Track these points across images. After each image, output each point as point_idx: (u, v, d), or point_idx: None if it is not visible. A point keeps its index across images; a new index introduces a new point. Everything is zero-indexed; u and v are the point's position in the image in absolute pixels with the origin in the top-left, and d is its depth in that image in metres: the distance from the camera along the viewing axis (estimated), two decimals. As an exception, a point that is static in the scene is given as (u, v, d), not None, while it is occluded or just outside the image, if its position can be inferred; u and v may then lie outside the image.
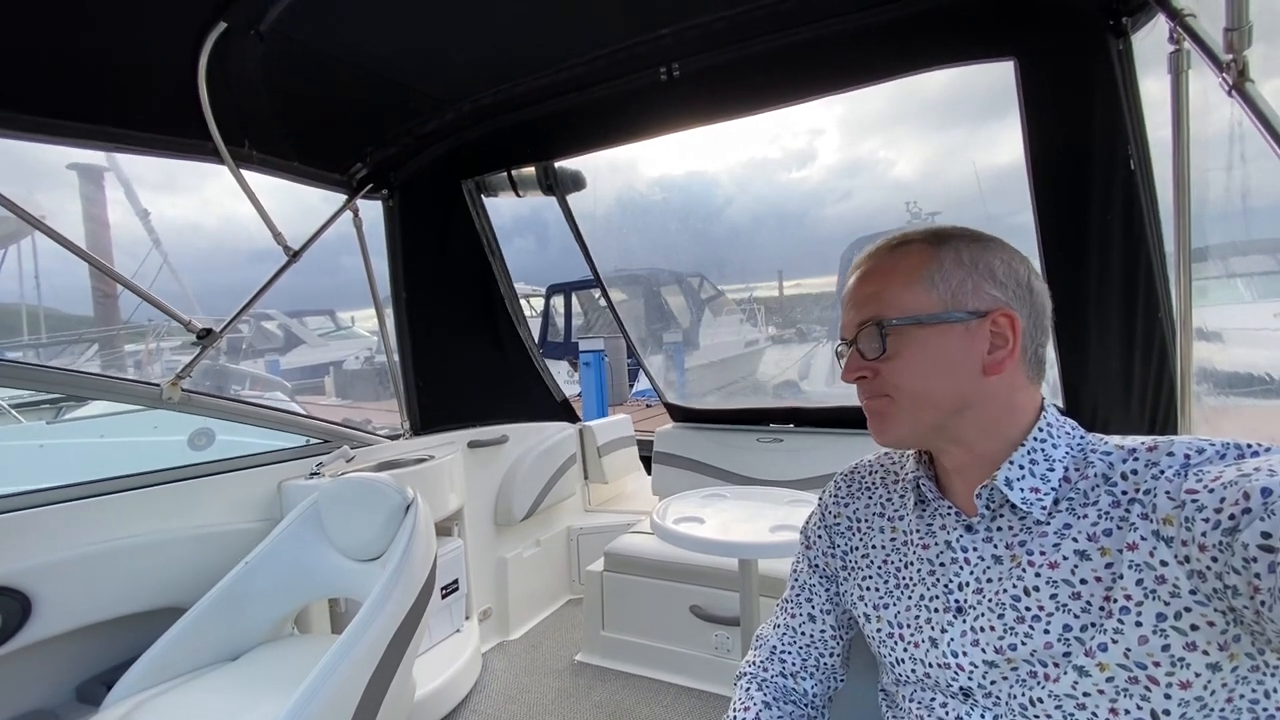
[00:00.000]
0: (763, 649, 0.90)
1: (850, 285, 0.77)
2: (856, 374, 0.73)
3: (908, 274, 0.70)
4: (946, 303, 0.68)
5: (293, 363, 11.80)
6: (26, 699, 1.68)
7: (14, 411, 4.97)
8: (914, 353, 0.69)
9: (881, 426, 0.73)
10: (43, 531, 1.65)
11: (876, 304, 0.71)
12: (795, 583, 0.90)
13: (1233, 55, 0.97)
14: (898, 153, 43.15)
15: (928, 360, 0.68)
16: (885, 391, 0.71)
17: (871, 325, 0.71)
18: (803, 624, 0.87)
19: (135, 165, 12.17)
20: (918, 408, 0.70)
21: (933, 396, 0.69)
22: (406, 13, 1.63)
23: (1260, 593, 0.48)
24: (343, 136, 2.28)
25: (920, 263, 0.70)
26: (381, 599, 1.56)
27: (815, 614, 0.86)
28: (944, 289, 0.69)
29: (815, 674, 0.87)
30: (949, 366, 0.68)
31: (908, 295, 0.70)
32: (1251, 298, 2.82)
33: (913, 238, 0.74)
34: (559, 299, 12.90)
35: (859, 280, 0.75)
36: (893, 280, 0.71)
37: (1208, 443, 0.58)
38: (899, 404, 0.70)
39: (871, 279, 0.73)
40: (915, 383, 0.69)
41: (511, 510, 2.91)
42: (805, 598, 0.88)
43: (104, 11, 1.42)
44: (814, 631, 0.86)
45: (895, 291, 0.70)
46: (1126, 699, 0.58)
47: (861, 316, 0.72)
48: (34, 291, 9.43)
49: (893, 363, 0.70)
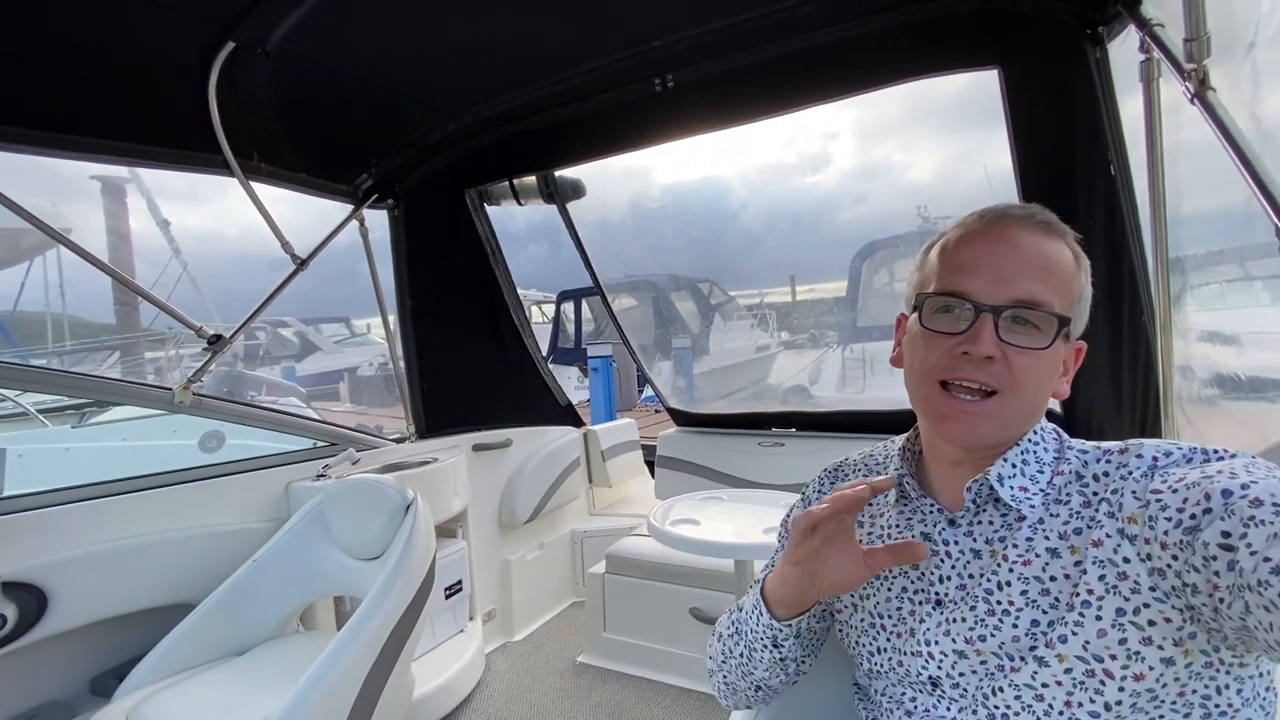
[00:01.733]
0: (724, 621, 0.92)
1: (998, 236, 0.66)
2: (989, 351, 0.62)
3: (1070, 275, 0.66)
4: (1075, 319, 0.67)
5: (308, 369, 11.97)
6: (42, 691, 1.74)
7: (40, 416, 5.12)
8: (1050, 358, 0.65)
9: (973, 425, 0.65)
10: (59, 529, 1.72)
11: (1048, 287, 0.64)
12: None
13: (1194, 65, 1.00)
14: (913, 156, 42.83)
15: (1052, 369, 0.66)
16: (998, 386, 0.64)
17: (1046, 313, 0.63)
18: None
19: (158, 177, 12.47)
20: (1019, 416, 0.66)
21: (1034, 407, 0.67)
22: (408, 29, 1.69)
23: (1219, 590, 0.49)
24: (348, 148, 2.36)
25: (1074, 269, 0.67)
26: (380, 596, 1.61)
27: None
28: (1081, 305, 0.68)
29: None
30: (1052, 381, 0.67)
31: (1068, 298, 0.66)
32: (1271, 300, 2.79)
33: (1064, 231, 0.68)
34: (569, 305, 12.96)
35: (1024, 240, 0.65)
36: (1059, 271, 0.65)
37: (1175, 446, 0.60)
38: (1005, 407, 0.64)
39: (1043, 252, 0.65)
40: (1031, 388, 0.65)
41: (515, 513, 2.96)
42: None
43: (119, 33, 1.49)
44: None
45: (1063, 285, 0.65)
46: (1081, 692, 0.59)
47: (1030, 293, 0.63)
48: (59, 300, 9.70)
49: (1029, 360, 0.63)
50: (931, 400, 0.68)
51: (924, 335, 0.68)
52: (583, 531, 3.28)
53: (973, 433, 0.65)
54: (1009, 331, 0.63)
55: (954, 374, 0.65)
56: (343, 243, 2.42)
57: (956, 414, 0.65)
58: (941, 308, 0.67)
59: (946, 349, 0.65)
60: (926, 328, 0.68)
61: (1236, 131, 0.91)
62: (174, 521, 1.93)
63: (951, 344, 0.65)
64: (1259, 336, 1.42)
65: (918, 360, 0.69)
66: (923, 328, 0.68)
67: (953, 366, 0.65)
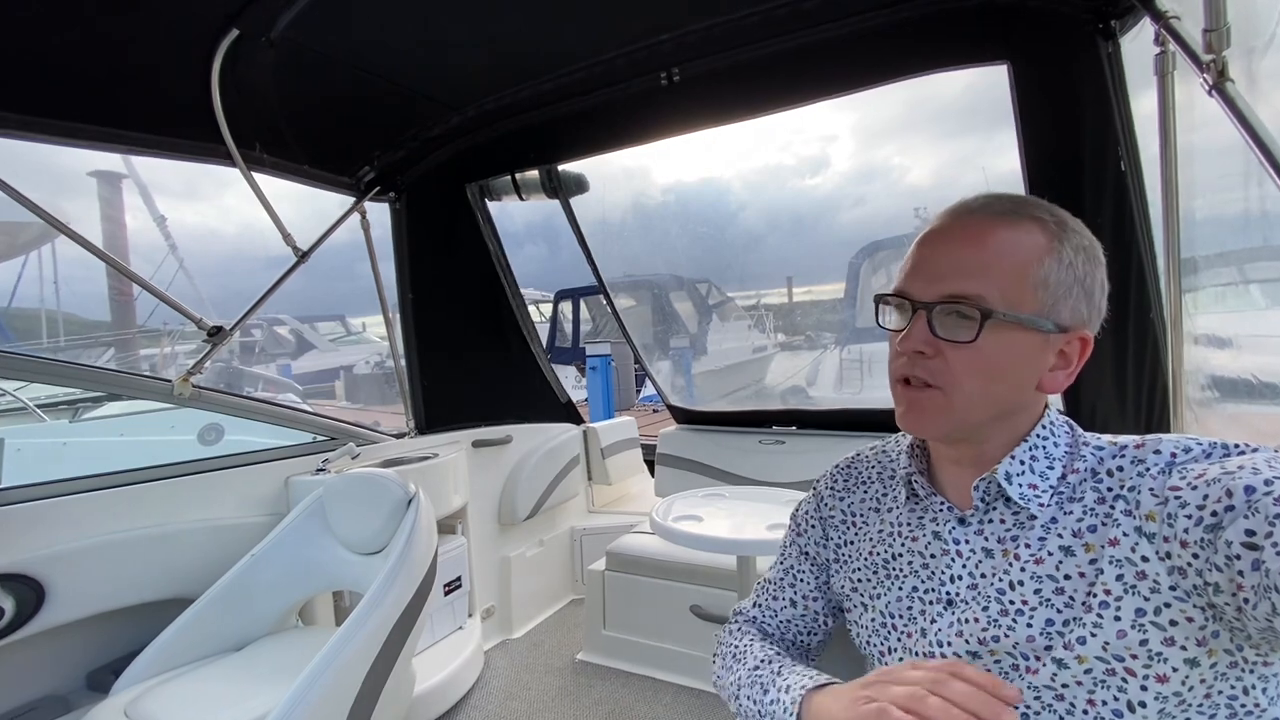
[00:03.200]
0: (739, 618, 0.92)
1: (944, 232, 0.66)
2: (918, 347, 0.64)
3: (1024, 261, 0.62)
4: (1045, 308, 0.62)
5: (304, 367, 11.91)
6: (39, 685, 1.72)
7: (39, 411, 5.08)
8: (992, 350, 0.62)
9: (919, 418, 0.66)
10: (57, 521, 1.70)
11: (982, 279, 0.62)
12: (781, 566, 0.90)
13: (1213, 56, 0.99)
14: (912, 159, 42.98)
15: (1001, 362, 0.63)
16: (937, 382, 0.64)
17: (967, 306, 0.62)
18: (784, 607, 0.88)
19: (156, 173, 12.41)
20: (968, 409, 0.64)
21: (986, 400, 0.64)
22: (413, 20, 1.68)
23: (1243, 590, 0.48)
24: (350, 140, 2.34)
25: (1038, 254, 0.62)
26: (382, 591, 1.59)
27: (797, 599, 0.87)
28: (1048, 293, 0.62)
29: (793, 649, 0.88)
30: (1014, 374, 0.64)
31: (1017, 287, 0.62)
32: (1267, 304, 2.80)
33: (1035, 211, 0.65)
34: (567, 305, 12.95)
35: (964, 234, 0.65)
36: (1004, 260, 0.62)
37: (1195, 442, 0.58)
38: (950, 400, 0.64)
39: (980, 244, 0.63)
40: (977, 383, 0.63)
41: (515, 509, 2.94)
42: (789, 582, 0.88)
43: (120, 20, 1.47)
44: (794, 615, 0.87)
45: (1006, 275, 0.62)
46: (1104, 690, 0.58)
47: (958, 287, 0.62)
48: (53, 297, 9.63)
49: (966, 353, 0.62)
50: (896, 394, 0.69)
51: (889, 336, 0.70)
52: (582, 529, 3.27)
53: (919, 423, 0.67)
54: (943, 327, 0.63)
55: (906, 373, 0.66)
56: (342, 239, 2.41)
57: (907, 405, 0.67)
58: (891, 307, 0.69)
59: (896, 348, 0.68)
60: (881, 326, 0.70)
61: (1257, 123, 0.90)
62: (173, 515, 1.91)
63: (897, 341, 0.67)
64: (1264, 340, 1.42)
65: (888, 361, 0.70)
66: (882, 328, 0.71)
67: (904, 365, 0.66)
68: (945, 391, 0.64)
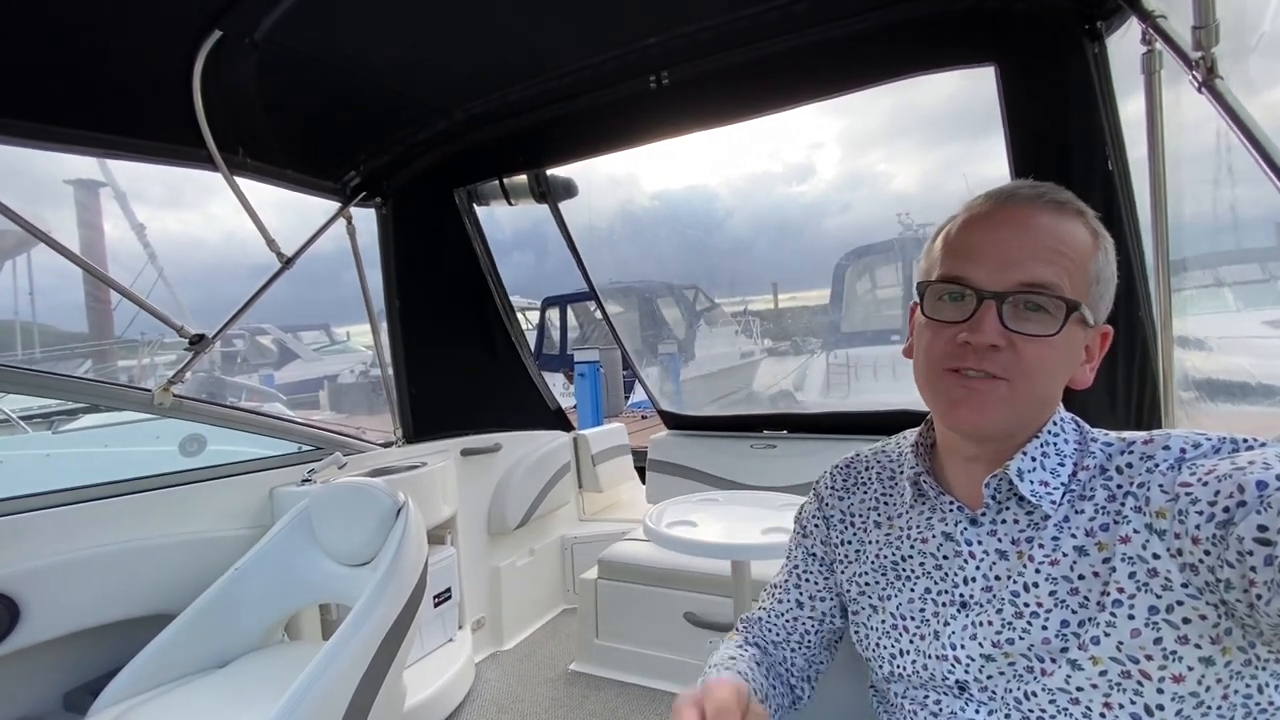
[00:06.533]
0: (747, 625, 0.90)
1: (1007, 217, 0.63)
2: (993, 340, 0.60)
3: (1086, 255, 0.62)
4: (1094, 302, 0.63)
5: (287, 376, 11.76)
6: (13, 707, 1.66)
7: (23, 423, 4.98)
8: (1064, 344, 0.61)
9: (979, 409, 0.62)
10: (32, 536, 1.64)
11: (1059, 269, 0.60)
12: (788, 567, 0.89)
13: (1201, 53, 0.99)
14: (898, 166, 43.65)
15: (1067, 356, 0.63)
16: (1006, 375, 0.61)
17: (1053, 297, 0.60)
18: (790, 609, 0.87)
19: (139, 181, 12.24)
20: (1029, 403, 0.63)
21: (1045, 394, 0.64)
22: (399, 22, 1.66)
23: (1256, 586, 0.47)
24: (336, 144, 2.31)
25: (1092, 249, 0.63)
26: (371, 604, 1.56)
27: (804, 600, 0.86)
28: (1099, 288, 0.63)
29: (800, 648, 0.86)
30: (1065, 367, 0.64)
31: (1083, 279, 0.62)
32: (1238, 306, 2.86)
33: (1075, 204, 0.64)
34: (554, 311, 12.92)
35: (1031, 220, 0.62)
36: (1072, 250, 0.61)
37: (1204, 437, 0.58)
38: (1015, 393, 0.62)
39: (1054, 232, 0.62)
40: (1043, 376, 0.62)
41: (505, 518, 2.90)
42: (795, 583, 0.87)
43: (99, 19, 1.44)
44: (803, 617, 0.86)
45: (1076, 266, 0.61)
46: (1120, 693, 0.57)
47: (1036, 275, 0.60)
48: (29, 308, 9.43)
49: (1041, 348, 0.61)
50: (941, 386, 0.65)
51: (929, 325, 0.66)
52: (573, 537, 3.24)
53: (982, 417, 0.62)
54: (1015, 318, 0.60)
55: (958, 363, 0.62)
56: (327, 247, 2.37)
57: (966, 395, 0.62)
58: (945, 295, 0.64)
59: (949, 337, 0.63)
60: (930, 317, 0.65)
61: (1248, 118, 0.91)
62: (153, 528, 1.86)
63: (954, 332, 0.62)
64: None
65: (924, 350, 0.66)
66: (926, 317, 0.66)
67: (957, 355, 0.62)
68: (1012, 384, 0.61)
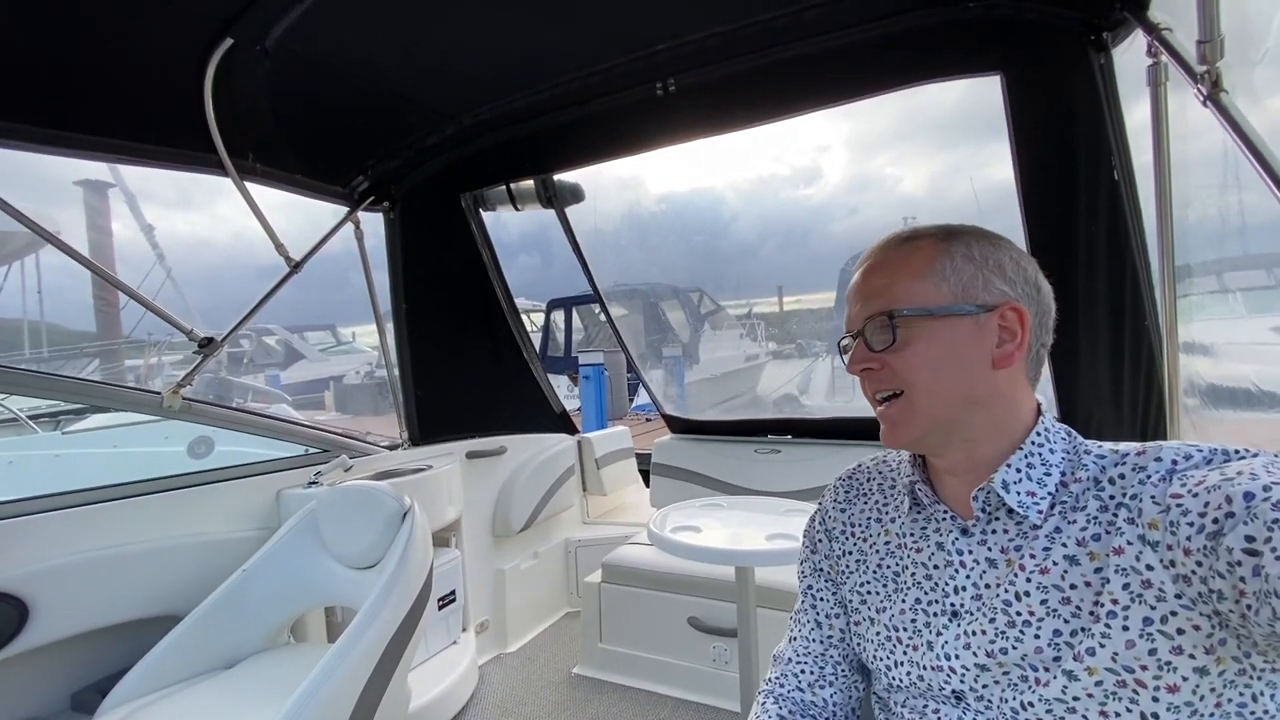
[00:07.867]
0: (778, 664, 0.88)
1: (857, 279, 0.76)
2: (863, 365, 0.72)
3: (919, 267, 0.70)
4: (957, 296, 0.68)
5: (293, 377, 11.80)
6: (22, 707, 1.67)
7: (31, 424, 5.01)
8: (925, 344, 0.68)
9: (894, 429, 0.72)
10: (41, 538, 1.66)
11: (887, 296, 0.71)
12: (801, 587, 0.89)
13: (1206, 67, 1.00)
14: (906, 169, 43.54)
15: (938, 351, 0.68)
16: (895, 387, 0.70)
17: (881, 316, 0.70)
18: (811, 632, 0.86)
19: (148, 182, 12.33)
20: (931, 401, 0.69)
21: (944, 387, 0.68)
22: (408, 29, 1.67)
23: (1246, 596, 0.48)
24: (345, 149, 2.32)
25: (931, 256, 0.70)
26: (377, 606, 1.57)
27: (821, 620, 0.85)
28: (954, 282, 0.69)
29: (834, 682, 0.84)
30: (959, 358, 0.68)
31: (918, 288, 0.69)
32: (1245, 312, 2.84)
33: (923, 233, 0.73)
34: (559, 314, 12.94)
35: (866, 273, 0.74)
36: (903, 273, 0.71)
37: (1195, 448, 0.59)
38: (912, 400, 0.69)
39: (881, 271, 0.73)
40: (925, 374, 0.68)
41: (510, 521, 2.91)
42: (810, 604, 0.87)
43: (112, 26, 1.46)
44: (823, 638, 0.85)
45: (906, 284, 0.70)
46: (1115, 702, 0.58)
47: (870, 309, 0.71)
48: (37, 307, 9.50)
49: (902, 354, 0.69)
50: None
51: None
52: (577, 540, 3.24)
53: (896, 434, 0.72)
54: (874, 341, 0.71)
55: (867, 392, 0.75)
56: (334, 249, 2.39)
57: (884, 423, 0.73)
58: (843, 347, 0.78)
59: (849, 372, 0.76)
60: (849, 371, 0.77)
61: (1253, 133, 0.91)
62: (161, 530, 1.87)
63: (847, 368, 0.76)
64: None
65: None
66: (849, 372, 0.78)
67: (866, 390, 0.75)
68: (906, 394, 0.70)
